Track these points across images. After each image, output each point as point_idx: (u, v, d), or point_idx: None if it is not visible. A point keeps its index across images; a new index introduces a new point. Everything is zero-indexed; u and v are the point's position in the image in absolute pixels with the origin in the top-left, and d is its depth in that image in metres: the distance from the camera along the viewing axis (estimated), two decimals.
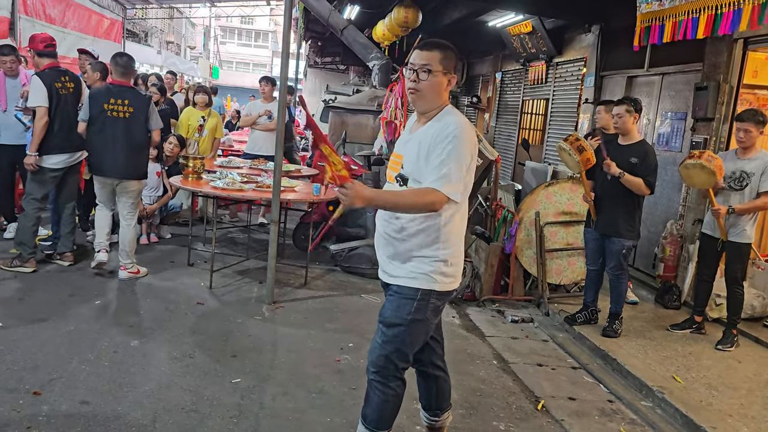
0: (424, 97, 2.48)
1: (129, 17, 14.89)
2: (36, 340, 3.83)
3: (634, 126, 4.67)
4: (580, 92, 8.19)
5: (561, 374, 4.26)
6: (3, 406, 3.01)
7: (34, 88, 4.98)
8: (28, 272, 5.06)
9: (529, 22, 8.61)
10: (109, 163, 4.99)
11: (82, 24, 11.13)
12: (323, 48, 16.29)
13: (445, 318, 5.14)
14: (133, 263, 5.27)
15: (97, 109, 4.93)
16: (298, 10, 10.11)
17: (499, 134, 11.36)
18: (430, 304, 2.52)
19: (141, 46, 17.88)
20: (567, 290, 5.91)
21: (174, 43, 29.45)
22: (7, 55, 5.81)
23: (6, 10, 8.41)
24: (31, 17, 9.14)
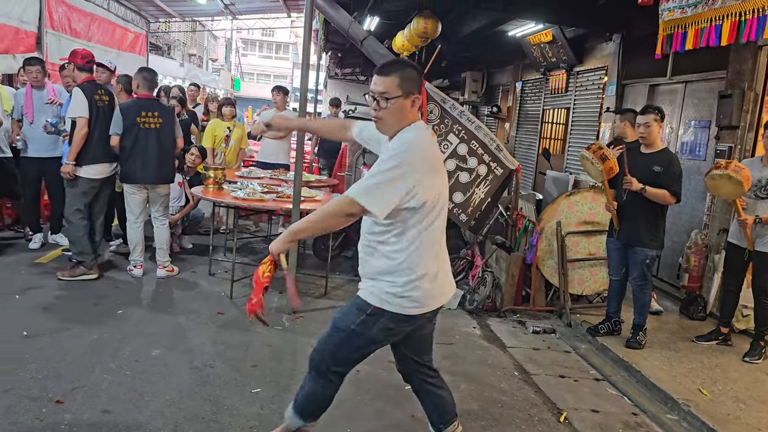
0: (386, 123, 2.44)
1: (152, 30, 15.13)
2: (59, 348, 3.87)
3: (658, 135, 4.62)
4: (601, 101, 8.13)
5: (584, 386, 4.20)
6: (26, 414, 3.05)
7: (75, 99, 5.12)
8: (94, 278, 5.27)
9: (549, 32, 8.57)
10: (143, 170, 5.31)
11: (106, 38, 11.35)
12: (343, 59, 16.38)
13: (466, 328, 5.11)
14: (169, 261, 5.60)
15: (129, 122, 5.23)
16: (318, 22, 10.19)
17: (519, 144, 11.30)
18: (379, 323, 2.47)
19: (164, 59, 18.15)
20: (589, 301, 5.83)
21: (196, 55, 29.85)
22: (33, 65, 5.95)
23: (33, 24, 8.61)
24: (58, 31, 9.34)
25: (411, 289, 2.44)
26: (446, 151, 5.67)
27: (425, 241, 2.45)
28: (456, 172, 5.67)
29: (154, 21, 14.88)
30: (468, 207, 5.68)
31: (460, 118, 5.68)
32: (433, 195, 2.40)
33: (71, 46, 9.60)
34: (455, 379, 4.04)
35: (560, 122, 9.70)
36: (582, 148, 4.78)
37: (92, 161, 5.23)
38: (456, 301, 5.61)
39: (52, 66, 8.53)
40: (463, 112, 5.74)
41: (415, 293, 2.44)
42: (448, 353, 4.48)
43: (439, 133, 5.67)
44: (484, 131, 5.72)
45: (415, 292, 2.44)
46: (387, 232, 2.43)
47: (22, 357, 3.67)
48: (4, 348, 3.78)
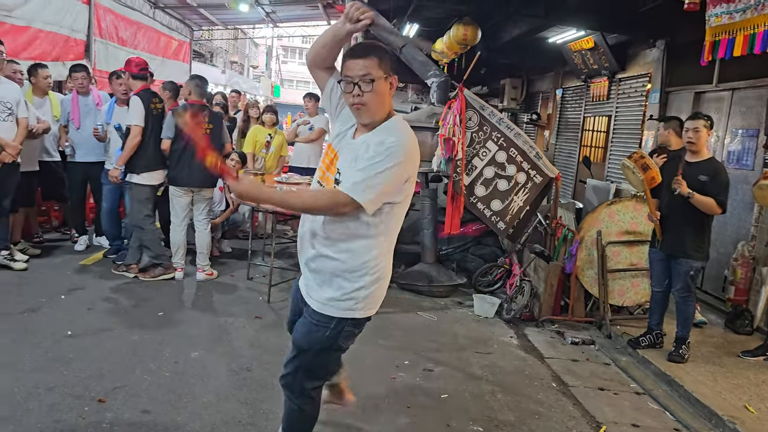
0: (370, 109, 2.23)
1: (196, 38, 15.47)
2: (102, 348, 3.97)
3: (705, 143, 4.50)
4: (644, 109, 7.97)
5: (624, 399, 4.11)
6: (70, 412, 3.13)
7: (134, 107, 5.27)
8: (170, 278, 5.51)
9: (591, 38, 8.45)
10: (191, 174, 5.42)
11: (151, 45, 11.64)
12: None
13: (503, 338, 5.05)
14: (209, 265, 5.73)
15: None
16: None
17: (559, 152, 11.16)
18: (345, 332, 2.37)
19: (207, 66, 18.51)
20: (630, 312, 5.70)
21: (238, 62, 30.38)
22: (78, 72, 6.13)
23: (83, 33, 8.89)
24: (105, 39, 9.63)
25: (376, 289, 2.35)
26: (484, 158, 5.63)
27: (388, 244, 2.38)
28: (494, 179, 5.62)
29: (198, 29, 15.21)
30: (506, 215, 5.62)
31: (499, 126, 5.63)
32: (412, 188, 2.34)
33: (118, 53, 9.89)
34: (493, 388, 4.00)
35: (601, 130, 9.55)
36: (624, 157, 4.69)
37: (148, 168, 5.39)
38: (493, 310, 5.56)
39: (99, 73, 8.80)
40: (502, 119, 5.69)
41: (378, 292, 2.37)
42: (486, 363, 4.43)
43: (477, 140, 5.63)
44: (523, 138, 5.66)
45: (378, 291, 2.37)
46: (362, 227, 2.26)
47: (67, 356, 3.77)
48: (50, 347, 3.90)
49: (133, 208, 5.49)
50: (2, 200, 5.25)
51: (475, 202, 5.67)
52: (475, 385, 4.02)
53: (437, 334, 4.94)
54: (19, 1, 7.23)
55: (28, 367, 3.58)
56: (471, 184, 5.65)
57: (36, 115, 5.66)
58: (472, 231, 6.62)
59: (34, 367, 3.58)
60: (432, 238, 6.13)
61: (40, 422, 3.00)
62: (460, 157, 5.54)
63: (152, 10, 11.68)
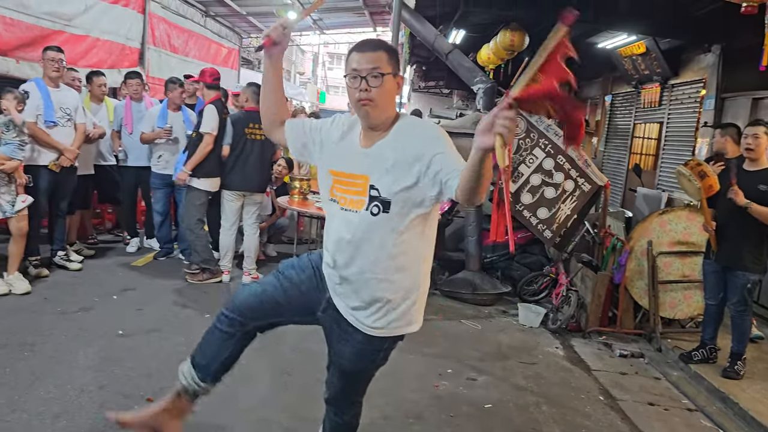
0: (378, 106, 2.04)
1: (244, 45, 15.76)
2: (151, 348, 4.06)
3: (765, 151, 4.33)
4: (698, 115, 7.73)
5: (675, 415, 3.97)
6: (119, 410, 3.20)
7: (209, 116, 5.42)
8: (218, 282, 5.62)
9: (642, 43, 8.26)
10: (244, 179, 5.60)
11: (202, 53, 11.91)
12: (427, 72, 16.42)
13: (548, 348, 4.96)
14: (255, 269, 5.81)
15: (238, 132, 5.55)
16: (404, 36, 10.28)
17: (608, 159, 10.93)
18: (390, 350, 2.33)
19: (254, 73, 18.82)
20: (682, 325, 5.53)
21: (285, 69, 30.86)
22: (133, 78, 6.32)
23: (137, 41, 9.16)
24: (158, 47, 9.90)
25: (424, 298, 2.26)
26: (531, 165, 5.56)
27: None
28: (541, 187, 5.54)
29: (246, 36, 15.49)
30: (553, 223, 5.53)
31: (547, 132, 5.55)
32: None
33: (170, 61, 10.16)
34: (538, 400, 3.93)
35: (652, 137, 9.31)
36: (677, 165, 4.55)
37: (208, 175, 5.51)
38: (538, 320, 5.46)
39: (152, 80, 9.05)
40: (550, 126, 5.61)
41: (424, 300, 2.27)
42: (530, 373, 4.36)
43: (524, 147, 5.56)
44: None
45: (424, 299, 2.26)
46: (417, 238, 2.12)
47: (118, 356, 3.88)
48: (102, 345, 4.01)
49: (188, 212, 5.60)
50: (60, 202, 5.45)
51: (521, 210, 5.60)
52: (520, 396, 3.95)
53: (481, 343, 4.88)
54: (79, 10, 7.50)
55: (81, 365, 3.69)
56: (517, 192, 5.58)
57: (93, 120, 5.85)
58: (517, 239, 6.54)
59: (86, 365, 3.69)
60: (476, 246, 6.08)
61: (91, 419, 3.08)
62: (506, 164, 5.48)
63: (204, 18, 11.96)
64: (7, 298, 4.65)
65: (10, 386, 3.32)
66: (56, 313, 4.51)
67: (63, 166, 5.26)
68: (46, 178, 5.12)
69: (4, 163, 4.63)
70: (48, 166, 5.14)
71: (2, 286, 4.73)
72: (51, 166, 5.17)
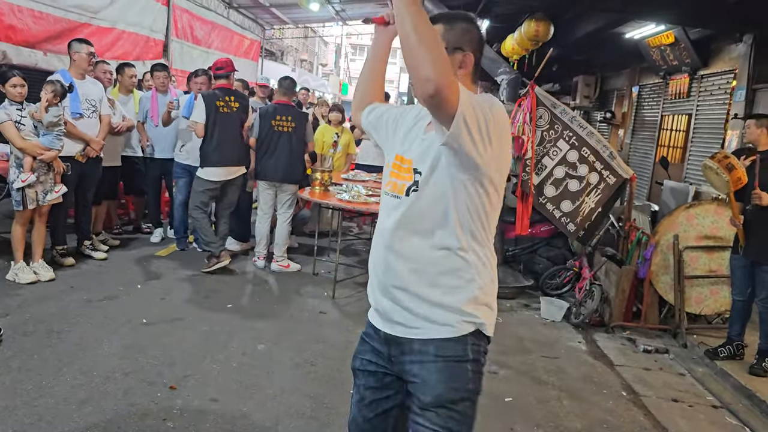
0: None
1: (267, 37, 15.79)
2: (174, 337, 4.11)
3: None
4: (728, 107, 7.56)
5: (699, 412, 3.91)
6: (143, 397, 3.26)
7: (196, 105, 5.53)
8: (227, 264, 5.61)
9: (671, 33, 8.09)
10: (273, 169, 5.75)
11: (224, 44, 11.96)
12: None
13: (571, 343, 4.91)
14: (284, 257, 5.94)
15: (266, 125, 5.71)
16: None
17: (634, 152, 10.76)
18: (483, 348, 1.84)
19: (277, 64, 18.88)
20: (708, 321, 5.44)
21: (307, 60, 30.90)
22: (160, 71, 6.37)
23: (162, 33, 9.24)
24: (182, 39, 9.97)
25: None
26: (555, 157, 5.49)
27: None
28: (565, 179, 5.47)
29: (269, 28, 15.52)
30: (577, 216, 5.46)
31: (571, 124, 5.47)
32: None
33: (192, 53, 10.23)
34: (559, 394, 3.89)
35: (680, 129, 9.13)
36: (705, 158, 4.46)
37: (209, 164, 5.58)
38: (561, 314, 5.41)
39: (175, 72, 9.13)
40: (574, 118, 5.53)
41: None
42: (552, 368, 4.32)
43: (548, 139, 5.50)
44: (596, 138, 5.48)
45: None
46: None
47: (142, 343, 3.93)
48: (126, 334, 4.07)
49: (191, 196, 5.76)
50: (86, 193, 5.53)
51: (544, 203, 5.54)
52: (541, 390, 3.92)
53: (502, 336, 4.85)
54: (104, 3, 7.57)
55: (106, 352, 3.76)
56: (540, 184, 5.52)
57: (122, 113, 5.92)
58: (540, 232, 6.47)
59: (111, 353, 3.75)
60: (499, 239, 6.03)
61: (116, 405, 3.13)
62: (529, 156, 5.43)
63: (226, 9, 12.00)
64: (35, 287, 4.74)
65: (38, 372, 3.39)
66: (82, 301, 4.58)
67: (89, 156, 5.34)
68: (73, 168, 5.20)
69: (43, 153, 4.72)
70: (74, 156, 5.22)
71: (29, 273, 4.82)
72: (77, 156, 5.24)
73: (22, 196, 4.71)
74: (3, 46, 5.91)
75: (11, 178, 4.73)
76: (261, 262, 5.97)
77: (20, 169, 4.69)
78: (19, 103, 4.70)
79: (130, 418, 3.03)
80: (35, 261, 4.93)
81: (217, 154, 5.57)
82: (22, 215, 4.80)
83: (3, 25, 5.93)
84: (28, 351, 3.65)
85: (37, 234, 4.94)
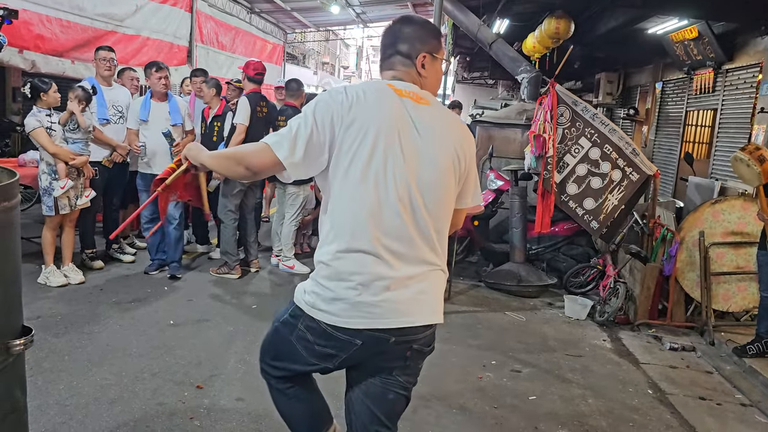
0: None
1: (289, 41, 15.94)
2: (200, 338, 4.18)
3: None
4: (754, 101, 7.43)
5: (728, 411, 3.86)
6: (171, 396, 3.32)
7: (242, 106, 5.43)
8: (235, 278, 5.59)
9: (694, 27, 7.98)
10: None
11: (248, 49, 12.12)
12: (471, 63, 16.29)
13: (595, 341, 4.88)
14: (290, 258, 5.98)
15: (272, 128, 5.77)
16: (447, 27, 10.21)
17: (658, 148, 10.62)
18: (300, 325, 1.95)
19: (299, 68, 19.04)
20: (736, 318, 5.36)
21: (329, 63, 31.08)
22: (198, 76, 6.43)
23: (185, 39, 9.40)
24: (206, 45, 10.13)
25: (319, 282, 1.90)
26: (577, 155, 5.46)
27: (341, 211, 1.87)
28: (587, 177, 5.44)
29: (291, 32, 15.68)
30: (600, 214, 5.43)
31: (593, 121, 5.44)
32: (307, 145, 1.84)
33: (217, 58, 10.39)
34: (584, 392, 3.88)
35: (705, 125, 9.01)
36: (731, 153, 4.40)
37: None
38: (585, 312, 5.38)
39: None
40: (596, 115, 5.50)
41: (318, 287, 1.89)
42: (577, 366, 4.30)
43: (569, 136, 5.47)
44: (618, 134, 5.44)
45: (319, 287, 1.89)
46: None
47: (169, 344, 4.01)
48: (154, 335, 4.15)
49: (220, 202, 5.68)
50: (113, 197, 5.65)
51: (566, 201, 5.51)
52: (565, 389, 3.91)
53: (526, 335, 4.84)
54: (130, 11, 7.74)
55: (135, 353, 3.84)
56: (562, 182, 5.50)
57: None
58: (563, 230, 6.44)
59: (140, 353, 3.83)
60: (521, 237, 6.01)
61: (144, 405, 3.20)
62: (550, 154, 5.40)
63: (249, 15, 12.16)
64: (66, 289, 4.86)
65: (69, 372, 3.48)
66: (111, 303, 4.69)
67: (115, 161, 5.45)
68: (100, 173, 5.31)
69: (75, 158, 4.84)
70: (102, 162, 5.34)
71: (60, 277, 4.94)
72: (104, 162, 5.36)
73: (54, 202, 4.84)
74: (32, 55, 6.08)
75: (43, 184, 4.85)
76: (275, 260, 6.12)
77: (53, 175, 4.81)
78: (48, 110, 4.82)
79: (159, 417, 3.10)
80: (65, 264, 5.05)
81: None
82: (52, 220, 4.92)
83: (32, 35, 6.09)
84: (59, 352, 3.74)
85: (67, 238, 5.07)
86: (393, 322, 1.82)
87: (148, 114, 5.36)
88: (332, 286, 1.82)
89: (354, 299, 1.79)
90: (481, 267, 6.50)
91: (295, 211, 5.95)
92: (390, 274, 1.80)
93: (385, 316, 1.81)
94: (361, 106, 1.81)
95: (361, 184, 1.79)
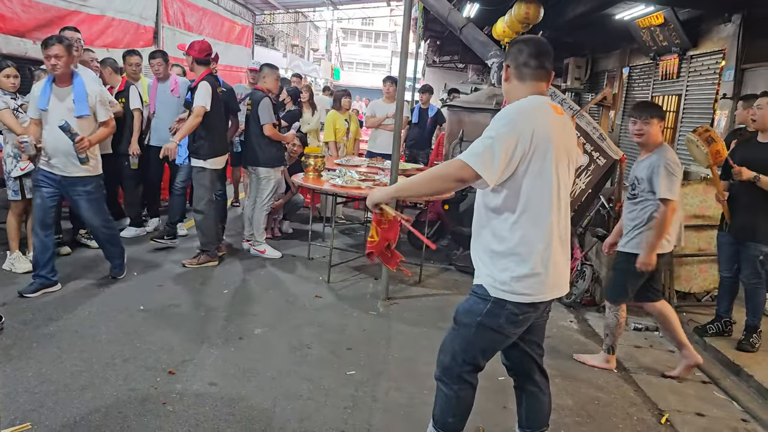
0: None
1: (258, 23, 15.71)
2: (172, 323, 4.17)
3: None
4: (717, 87, 7.62)
5: (688, 388, 4.01)
6: (143, 382, 3.31)
7: (203, 90, 5.23)
8: (214, 266, 5.55)
9: (660, 14, 8.11)
10: (243, 154, 5.99)
11: (216, 31, 11.91)
12: (442, 47, 16.29)
13: (562, 322, 5.00)
14: (261, 242, 6.00)
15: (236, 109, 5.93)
16: (418, 10, 10.18)
17: (625, 133, 10.81)
18: (505, 311, 2.36)
19: (268, 50, 18.80)
20: (697, 299, 5.53)
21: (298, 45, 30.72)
22: (155, 58, 6.28)
23: (151, 20, 9.20)
24: (173, 26, 9.93)
25: (517, 272, 2.37)
26: None
27: (525, 217, 2.45)
28: None
29: (260, 13, 15.44)
30: None
31: (561, 106, 5.50)
32: (513, 160, 2.36)
33: (185, 39, 10.17)
34: (551, 372, 3.94)
35: (671, 110, 9.19)
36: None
37: (216, 154, 5.45)
38: None
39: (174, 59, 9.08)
40: (564, 100, 5.58)
41: (520, 276, 2.36)
42: (544, 347, 4.39)
43: None
44: (585, 119, 5.53)
45: (520, 276, 2.37)
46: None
47: (140, 330, 3.99)
48: (125, 321, 4.12)
49: (197, 194, 5.53)
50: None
51: None
52: None
53: None
54: None
55: (105, 339, 3.81)
56: None
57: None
58: None
59: (110, 339, 3.80)
60: None
61: (116, 391, 3.19)
62: None
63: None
64: (32, 276, 4.77)
65: (38, 359, 3.45)
66: (79, 289, 4.63)
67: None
68: None
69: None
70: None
71: (25, 263, 4.86)
72: None
73: (19, 186, 4.73)
74: None
75: (8, 168, 4.75)
76: (246, 245, 6.09)
77: (18, 158, 4.70)
78: (13, 93, 4.70)
79: (131, 403, 3.09)
80: (31, 251, 4.96)
81: (222, 142, 5.56)
82: (17, 205, 4.82)
83: None
84: (27, 339, 3.70)
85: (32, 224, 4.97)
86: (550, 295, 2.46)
87: (47, 101, 4.33)
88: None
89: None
90: (452, 251, 6.58)
91: (266, 195, 5.89)
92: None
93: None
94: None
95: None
